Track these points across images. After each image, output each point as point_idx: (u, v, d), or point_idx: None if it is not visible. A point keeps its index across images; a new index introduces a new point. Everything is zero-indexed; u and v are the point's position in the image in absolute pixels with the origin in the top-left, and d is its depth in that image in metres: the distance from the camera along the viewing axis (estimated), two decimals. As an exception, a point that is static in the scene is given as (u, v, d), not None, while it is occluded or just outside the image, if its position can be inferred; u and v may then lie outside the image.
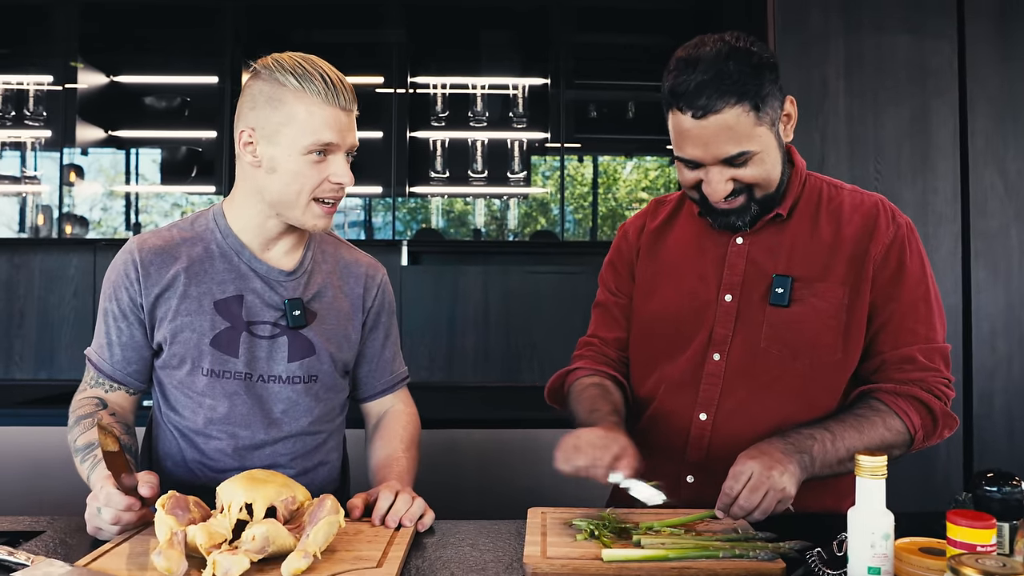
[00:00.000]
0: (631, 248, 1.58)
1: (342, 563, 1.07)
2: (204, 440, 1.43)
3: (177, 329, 1.39)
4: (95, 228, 2.94)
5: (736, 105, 1.28)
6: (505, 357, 3.12)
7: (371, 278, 1.55)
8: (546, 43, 2.94)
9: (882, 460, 0.97)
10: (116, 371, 1.43)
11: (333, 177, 1.35)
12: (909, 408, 1.35)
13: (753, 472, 1.21)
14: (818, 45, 2.62)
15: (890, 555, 0.97)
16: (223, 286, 1.41)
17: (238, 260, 1.43)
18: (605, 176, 2.96)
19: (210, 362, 1.40)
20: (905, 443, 1.36)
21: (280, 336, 1.43)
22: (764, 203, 1.40)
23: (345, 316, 1.50)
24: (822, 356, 1.39)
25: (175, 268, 1.40)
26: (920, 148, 2.62)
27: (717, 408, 1.42)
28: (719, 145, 1.31)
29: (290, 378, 1.43)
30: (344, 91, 1.34)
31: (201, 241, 1.44)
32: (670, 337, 1.47)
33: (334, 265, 1.52)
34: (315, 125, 1.32)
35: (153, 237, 1.44)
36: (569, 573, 1.06)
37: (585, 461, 1.23)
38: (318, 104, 1.32)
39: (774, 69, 1.33)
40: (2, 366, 3.10)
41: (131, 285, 1.40)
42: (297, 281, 1.45)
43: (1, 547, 1.10)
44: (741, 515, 1.21)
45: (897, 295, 1.39)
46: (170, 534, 1.03)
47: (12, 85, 2.93)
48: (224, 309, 1.40)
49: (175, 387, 1.43)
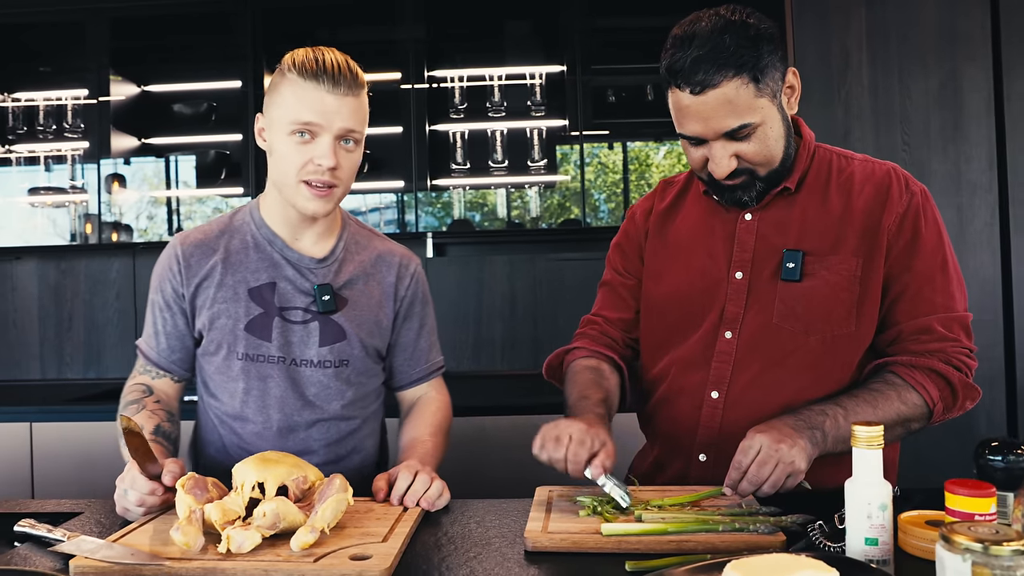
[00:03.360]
0: (639, 230, 1.58)
1: (350, 538, 1.10)
2: (241, 424, 1.49)
3: (214, 316, 1.47)
4: (141, 234, 3.04)
5: (734, 78, 1.27)
6: (532, 345, 3.14)
7: (404, 267, 1.58)
8: (561, 30, 2.94)
9: (878, 431, 0.96)
10: (162, 359, 1.51)
11: (316, 159, 1.37)
12: (926, 381, 1.33)
13: (762, 446, 1.20)
14: (838, 15, 2.56)
15: (888, 526, 0.96)
16: (257, 274, 1.48)
17: (271, 249, 1.49)
18: (637, 162, 2.95)
19: (244, 346, 1.46)
20: (924, 416, 1.34)
21: (312, 321, 1.48)
22: (769, 179, 1.38)
23: (376, 303, 1.54)
24: (835, 329, 1.37)
25: (213, 259, 1.48)
26: (951, 116, 2.55)
27: (729, 386, 1.41)
28: (719, 119, 1.30)
29: (321, 362, 1.48)
30: (336, 74, 1.36)
31: (238, 233, 1.51)
32: (681, 317, 1.47)
33: (367, 255, 1.56)
34: (297, 106, 1.37)
35: (194, 232, 1.53)
36: (568, 547, 1.08)
37: (562, 455, 1.24)
38: (303, 86, 1.36)
39: (772, 40, 1.31)
40: (55, 366, 3.24)
41: (174, 277, 1.49)
42: (328, 268, 1.50)
43: (41, 525, 1.19)
44: (750, 490, 1.21)
45: (912, 264, 1.36)
46: (188, 512, 1.09)
47: (52, 100, 3.05)
48: (257, 296, 1.47)
49: (213, 373, 1.50)
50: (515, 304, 3.14)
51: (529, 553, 1.08)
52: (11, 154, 3.07)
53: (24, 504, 1.40)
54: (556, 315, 3.10)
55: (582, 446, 1.24)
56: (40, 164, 3.07)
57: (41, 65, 3.13)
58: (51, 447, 2.53)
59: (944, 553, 0.81)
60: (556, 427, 1.27)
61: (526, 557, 1.06)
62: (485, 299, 3.16)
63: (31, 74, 3.12)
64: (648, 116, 2.98)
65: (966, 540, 0.79)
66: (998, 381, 2.51)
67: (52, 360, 3.24)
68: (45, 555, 1.11)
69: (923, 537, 1.01)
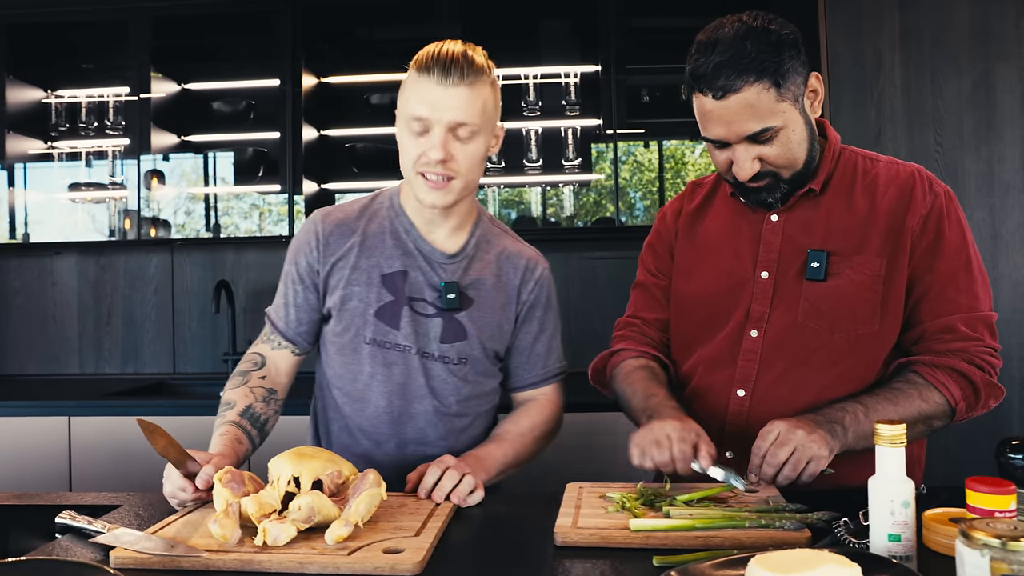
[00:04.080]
0: (670, 231, 1.60)
1: (383, 532, 1.13)
2: (362, 406, 1.52)
3: (346, 297, 1.50)
4: (178, 230, 3.10)
5: (756, 83, 1.29)
6: (566, 344, 3.12)
7: (530, 271, 1.57)
8: (597, 30, 2.95)
9: (900, 428, 0.97)
10: (289, 330, 1.54)
11: (428, 151, 1.39)
12: (948, 380, 1.34)
13: (780, 431, 1.24)
14: (871, 18, 2.56)
15: (911, 523, 0.97)
16: (391, 261, 1.50)
17: (406, 238, 1.52)
18: (672, 160, 2.96)
19: (373, 331, 1.49)
20: (946, 414, 1.35)
21: (436, 316, 1.50)
22: (793, 181, 1.40)
23: (500, 306, 1.54)
24: (860, 328, 1.38)
25: (351, 240, 1.51)
26: (984, 116, 2.53)
27: (755, 384, 1.43)
28: (741, 123, 1.32)
29: (442, 357, 1.50)
30: (447, 64, 1.36)
31: (376, 217, 1.54)
32: (708, 316, 1.49)
33: (496, 254, 1.56)
34: (411, 99, 1.40)
35: (336, 211, 1.55)
36: (597, 542, 1.10)
37: (668, 456, 1.27)
38: (417, 80, 1.39)
39: (794, 45, 1.33)
40: (93, 361, 3.30)
41: (311, 252, 1.52)
42: (457, 265, 1.52)
43: (82, 517, 1.22)
44: (771, 472, 1.23)
45: (936, 265, 1.38)
46: (226, 505, 1.12)
47: (94, 97, 3.12)
48: (390, 282, 1.49)
49: (337, 352, 1.53)
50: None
51: (559, 548, 1.10)
52: (53, 150, 3.14)
53: (64, 497, 1.44)
54: (590, 313, 3.12)
55: (684, 443, 1.27)
56: (81, 160, 3.13)
57: (84, 63, 3.19)
58: (89, 441, 2.58)
59: (963, 548, 0.82)
60: (650, 431, 1.30)
61: (556, 551, 1.08)
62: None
63: (74, 72, 3.18)
64: (683, 115, 2.96)
65: (984, 536, 0.80)
66: (1028, 381, 2.50)
67: (90, 355, 3.30)
68: (85, 546, 1.14)
69: (946, 534, 1.03)
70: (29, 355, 3.31)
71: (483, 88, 1.40)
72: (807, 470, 1.22)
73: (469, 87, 1.38)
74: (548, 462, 2.42)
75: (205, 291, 3.22)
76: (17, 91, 3.10)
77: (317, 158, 3.06)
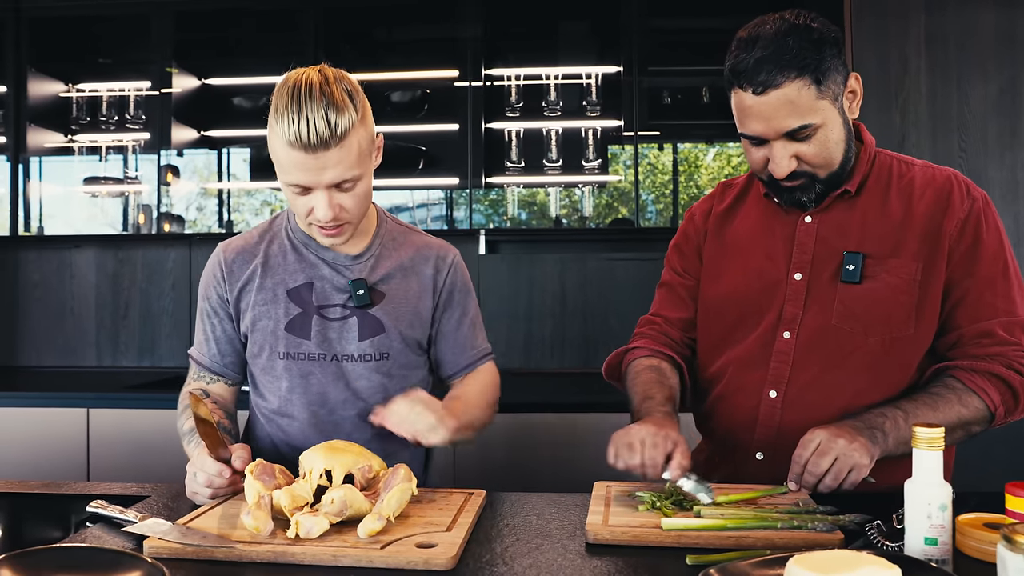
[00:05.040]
0: (698, 231, 1.59)
1: (414, 527, 1.13)
2: (288, 421, 1.53)
3: (256, 318, 1.51)
4: (191, 226, 3.11)
5: (796, 79, 1.29)
6: (582, 344, 3.16)
7: (442, 259, 1.58)
8: (619, 30, 2.95)
9: (939, 432, 0.97)
10: (214, 364, 1.55)
11: (315, 211, 1.37)
12: (987, 385, 1.33)
13: (821, 439, 1.23)
14: (897, 22, 2.55)
15: (947, 526, 0.97)
16: (294, 275, 1.51)
17: (307, 251, 1.52)
18: (686, 163, 2.96)
19: (285, 346, 1.50)
20: (985, 419, 1.35)
21: (350, 317, 1.50)
22: (829, 182, 1.40)
23: (415, 295, 1.55)
24: (895, 332, 1.38)
25: (253, 264, 1.52)
26: (1009, 122, 2.53)
27: (788, 385, 1.42)
28: (780, 119, 1.32)
29: (361, 356, 1.50)
30: (312, 134, 1.28)
31: (276, 238, 1.55)
32: (739, 317, 1.48)
33: (405, 251, 1.57)
34: (283, 163, 1.34)
35: (236, 240, 1.57)
36: (629, 540, 1.10)
37: (638, 460, 1.26)
38: (285, 145, 1.31)
39: (835, 44, 1.33)
40: (110, 354, 3.32)
41: (218, 284, 1.53)
42: (364, 264, 1.52)
43: (113, 506, 1.23)
44: (812, 481, 1.23)
45: (974, 270, 1.37)
46: (258, 497, 1.12)
47: (115, 92, 3.13)
48: (296, 296, 1.50)
49: (259, 373, 1.54)
50: (565, 302, 3.16)
51: (590, 545, 1.10)
52: (73, 144, 3.16)
53: (92, 487, 1.45)
54: (606, 314, 3.12)
55: (656, 449, 1.25)
56: (100, 154, 3.14)
57: (106, 57, 3.21)
58: (107, 433, 2.60)
59: (1006, 553, 0.82)
60: (627, 434, 1.29)
61: (587, 549, 1.08)
62: (536, 297, 3.19)
63: (96, 66, 3.20)
64: (700, 118, 2.98)
65: None
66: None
67: (107, 348, 3.32)
68: (118, 536, 1.14)
69: (982, 539, 1.03)
70: (47, 347, 3.33)
71: (354, 135, 1.33)
72: (849, 479, 1.22)
73: (339, 147, 1.31)
74: (560, 459, 2.43)
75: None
76: (39, 84, 3.11)
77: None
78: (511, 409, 2.47)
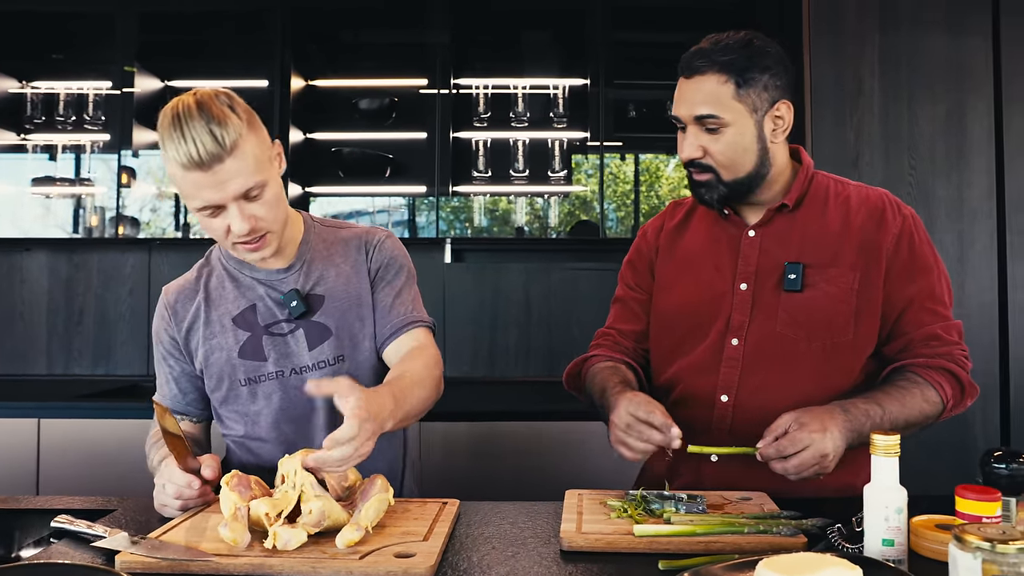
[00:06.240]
0: (650, 247, 1.69)
1: (391, 537, 1.14)
2: (259, 445, 1.52)
3: (208, 352, 1.51)
4: (145, 228, 3.04)
5: (719, 73, 1.44)
6: (546, 352, 3.19)
7: (368, 241, 1.57)
8: (586, 43, 2.99)
9: (895, 439, 1.04)
10: (176, 403, 1.56)
11: (231, 227, 1.36)
12: (942, 379, 1.45)
13: (802, 423, 1.31)
14: (853, 43, 2.64)
15: (903, 528, 1.03)
16: (236, 302, 1.53)
17: (241, 276, 1.54)
18: (647, 174, 3.02)
19: (244, 372, 1.50)
20: (938, 414, 1.46)
21: (297, 329, 1.51)
22: (733, 188, 1.50)
23: (353, 284, 1.53)
24: (835, 337, 1.48)
25: (196, 300, 1.54)
26: (955, 145, 2.63)
27: (738, 390, 1.51)
28: (695, 104, 1.45)
29: (316, 364, 1.49)
30: (202, 150, 1.28)
31: (213, 272, 1.57)
32: (690, 327, 1.57)
33: (335, 246, 1.57)
34: (189, 189, 1.33)
35: (177, 281, 1.59)
36: (603, 547, 1.13)
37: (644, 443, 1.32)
38: (179, 168, 1.30)
39: (775, 66, 1.46)
40: (62, 362, 3.24)
41: (168, 326, 1.55)
42: (297, 273, 1.53)
43: (80, 521, 1.21)
44: (774, 456, 1.31)
45: (913, 281, 1.49)
46: (234, 509, 1.12)
47: (73, 90, 3.06)
48: (242, 321, 1.51)
49: (220, 406, 1.54)
50: (530, 311, 3.19)
51: (564, 552, 1.12)
52: (27, 142, 3.08)
53: (53, 501, 1.42)
54: (570, 323, 3.16)
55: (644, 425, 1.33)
56: (54, 153, 3.07)
57: (66, 55, 3.14)
58: (59, 444, 2.52)
59: (957, 552, 0.88)
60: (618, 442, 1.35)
61: (562, 556, 1.11)
62: (501, 305, 3.21)
63: (52, 63, 3.13)
64: (663, 130, 3.01)
65: (976, 540, 0.86)
66: (993, 397, 2.61)
67: (60, 355, 3.24)
68: (86, 551, 1.12)
69: (934, 540, 1.10)
70: (-7, 353, 3.23)
71: (245, 144, 1.32)
72: (806, 473, 1.30)
73: (233, 156, 1.30)
74: (524, 467, 2.45)
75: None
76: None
77: (302, 161, 3.05)
78: (476, 417, 2.50)
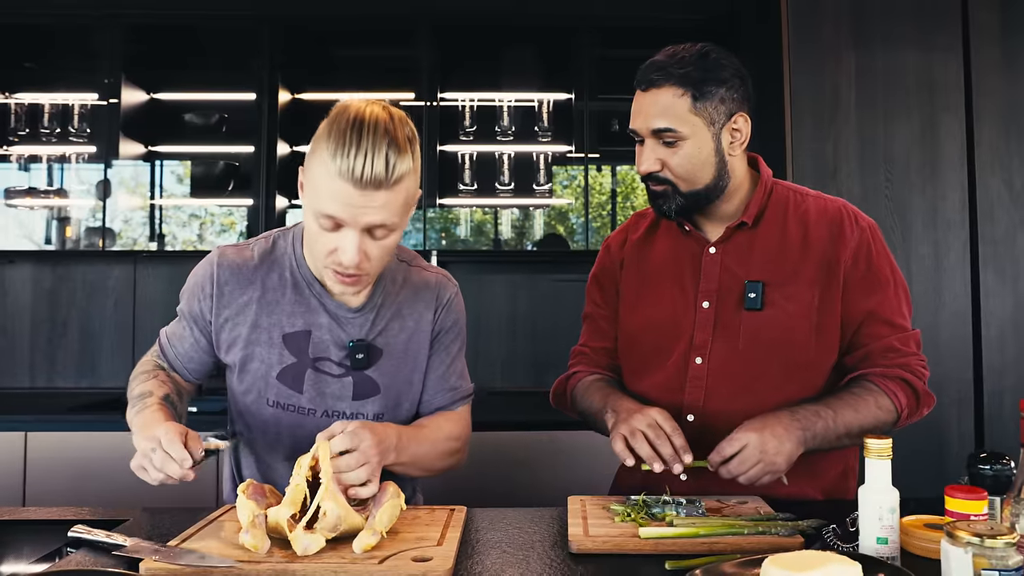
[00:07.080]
0: (614, 262, 1.68)
1: (406, 542, 1.18)
2: (272, 459, 1.49)
3: (247, 358, 1.44)
4: (119, 238, 3.02)
5: (675, 86, 1.43)
6: (531, 363, 3.24)
7: (439, 297, 1.51)
8: (570, 59, 3.05)
9: (887, 443, 1.10)
10: (177, 361, 1.49)
11: (340, 252, 1.27)
12: (897, 388, 1.47)
13: (750, 443, 1.33)
14: (831, 59, 2.72)
15: (896, 527, 1.09)
16: (292, 319, 1.42)
17: (309, 293, 1.43)
18: (623, 185, 3.09)
19: (276, 394, 1.43)
20: (893, 421, 1.48)
21: (346, 376, 1.44)
22: (690, 199, 1.49)
23: (414, 342, 1.49)
24: (796, 356, 1.49)
25: (248, 294, 1.43)
26: (929, 158, 2.72)
27: (703, 409, 1.52)
28: (652, 117, 1.45)
29: (354, 414, 1.45)
30: (368, 171, 1.20)
31: (277, 266, 1.44)
32: (655, 345, 1.57)
33: (405, 293, 1.49)
34: (324, 193, 1.24)
35: (234, 253, 1.45)
36: (610, 549, 1.17)
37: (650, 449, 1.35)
38: (333, 174, 1.22)
39: (732, 79, 1.46)
40: (45, 374, 3.22)
41: (205, 299, 1.44)
42: (364, 317, 1.44)
43: (98, 530, 1.22)
44: (728, 477, 1.34)
45: (871, 294, 1.50)
46: (252, 516, 1.15)
47: (58, 102, 3.05)
48: (292, 343, 1.42)
49: (245, 410, 1.48)
50: (516, 322, 3.23)
51: (573, 555, 1.17)
52: (8, 153, 3.07)
53: (66, 511, 1.42)
54: (556, 335, 3.19)
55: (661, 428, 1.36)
56: (38, 165, 3.06)
57: (50, 67, 3.14)
58: (45, 457, 2.51)
59: (949, 547, 0.94)
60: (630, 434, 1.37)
61: (571, 558, 1.15)
62: (486, 317, 3.24)
63: (34, 74, 3.13)
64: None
65: (967, 535, 0.93)
66: (967, 403, 2.68)
67: (43, 368, 3.22)
68: (107, 560, 1.14)
69: (924, 538, 1.16)
70: (-25, 367, 3.20)
71: (407, 180, 1.26)
72: (761, 481, 1.34)
73: (391, 189, 1.23)
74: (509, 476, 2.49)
75: (168, 304, 3.18)
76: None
77: (289, 174, 3.07)
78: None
